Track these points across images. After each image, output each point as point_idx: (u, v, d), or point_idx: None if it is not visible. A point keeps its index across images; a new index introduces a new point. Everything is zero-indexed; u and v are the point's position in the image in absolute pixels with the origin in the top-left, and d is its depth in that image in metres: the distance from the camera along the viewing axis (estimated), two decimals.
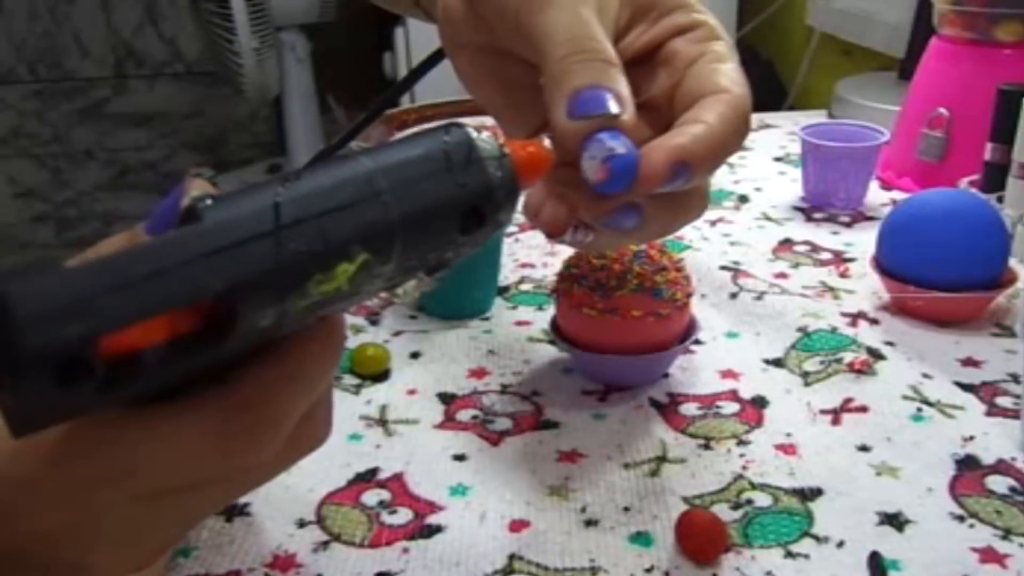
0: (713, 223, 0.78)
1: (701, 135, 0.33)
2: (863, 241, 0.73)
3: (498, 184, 0.25)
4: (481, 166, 0.25)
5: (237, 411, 0.25)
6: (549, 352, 0.59)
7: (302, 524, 0.44)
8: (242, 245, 0.21)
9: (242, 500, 0.46)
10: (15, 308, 0.19)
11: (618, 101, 0.32)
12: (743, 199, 0.84)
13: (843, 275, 0.68)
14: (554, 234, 0.34)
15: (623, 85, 0.33)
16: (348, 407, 0.54)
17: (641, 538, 0.43)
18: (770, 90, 1.49)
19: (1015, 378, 0.54)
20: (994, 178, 0.71)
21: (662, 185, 0.33)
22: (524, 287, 0.68)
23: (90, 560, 0.27)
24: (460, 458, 0.49)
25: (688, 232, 0.76)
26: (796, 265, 0.70)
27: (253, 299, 0.21)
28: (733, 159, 0.94)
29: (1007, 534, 0.42)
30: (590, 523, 0.44)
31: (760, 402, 0.53)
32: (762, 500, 0.45)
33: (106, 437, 0.24)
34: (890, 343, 0.58)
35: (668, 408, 0.53)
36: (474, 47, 0.39)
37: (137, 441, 0.24)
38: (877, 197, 0.82)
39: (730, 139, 0.34)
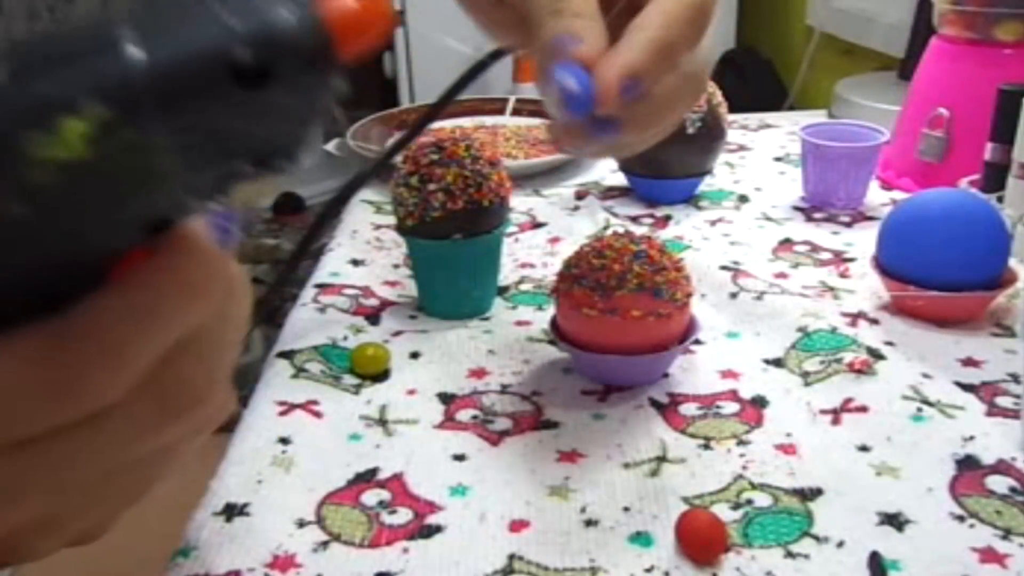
0: (713, 223, 0.78)
1: (645, 45, 0.37)
2: (863, 241, 0.73)
3: (284, 26, 0.20)
4: (260, 6, 0.20)
5: (63, 341, 0.21)
6: (549, 352, 0.59)
7: (302, 524, 0.44)
8: None
9: (242, 500, 0.46)
10: None
11: (574, 39, 0.37)
12: (743, 199, 0.84)
13: (843, 275, 0.68)
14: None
15: (586, 29, 0.37)
16: (348, 407, 0.54)
17: (641, 538, 0.43)
18: (770, 90, 1.49)
19: (1015, 378, 0.54)
20: (994, 178, 0.71)
21: (620, 100, 0.37)
22: (524, 287, 0.68)
23: None
24: (460, 458, 0.49)
25: (688, 232, 0.76)
26: (796, 265, 0.70)
27: None
28: (733, 159, 0.94)
29: (1007, 534, 0.42)
30: (590, 523, 0.44)
31: (760, 402, 0.53)
32: (762, 500, 0.45)
33: None
34: (890, 343, 0.58)
35: (668, 408, 0.53)
36: None
37: None
38: (877, 197, 0.82)
39: (679, 38, 0.38)
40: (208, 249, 0.22)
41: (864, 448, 0.48)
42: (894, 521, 0.43)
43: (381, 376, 0.57)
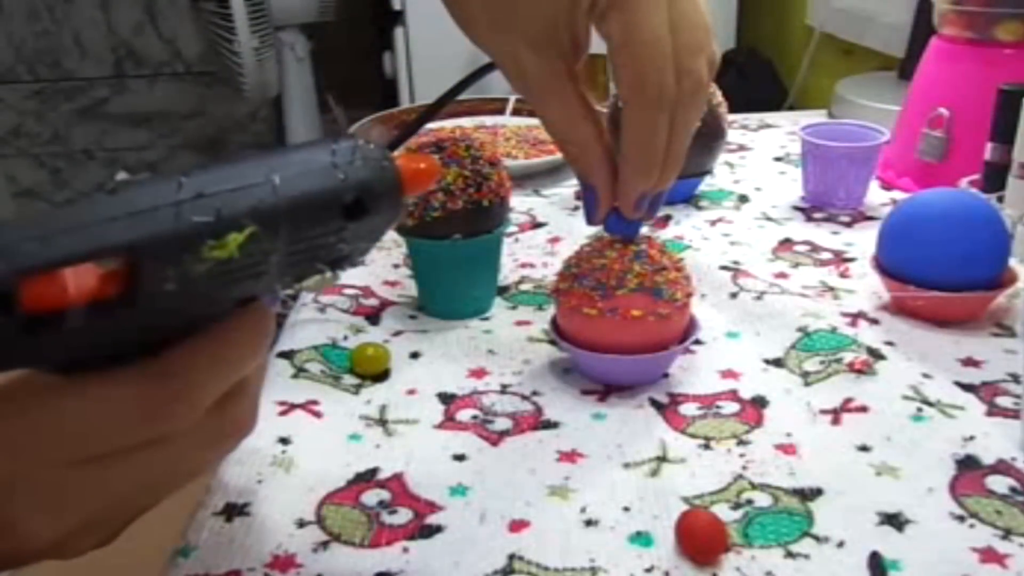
0: (713, 223, 0.78)
1: (631, 176, 0.47)
2: (863, 241, 0.73)
3: (377, 179, 0.29)
4: (362, 164, 0.29)
5: (158, 379, 0.27)
6: (549, 352, 0.59)
7: (302, 524, 0.44)
8: (145, 212, 0.25)
9: (242, 500, 0.46)
10: None
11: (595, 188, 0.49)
12: (743, 199, 0.84)
13: (843, 275, 0.68)
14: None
15: (597, 177, 0.48)
16: (348, 407, 0.54)
17: (641, 538, 0.43)
18: (770, 90, 1.49)
19: (1015, 378, 0.54)
20: (994, 178, 0.71)
21: (647, 210, 0.50)
22: (524, 287, 0.68)
23: (18, 520, 0.28)
24: (460, 458, 0.49)
25: (688, 232, 0.76)
26: (796, 265, 0.70)
27: (152, 257, 0.25)
28: (733, 159, 0.94)
29: (1007, 534, 0.42)
30: (590, 523, 0.44)
31: (760, 402, 0.53)
32: (762, 500, 0.45)
33: (40, 399, 0.26)
34: (890, 343, 0.58)
35: (668, 408, 0.53)
36: None
37: (68, 402, 0.27)
38: (877, 197, 0.82)
39: (652, 147, 0.46)
40: (269, 316, 0.30)
41: (864, 448, 0.48)
42: (894, 521, 0.43)
43: (381, 376, 0.57)
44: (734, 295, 0.65)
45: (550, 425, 0.51)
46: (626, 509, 0.45)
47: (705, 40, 0.45)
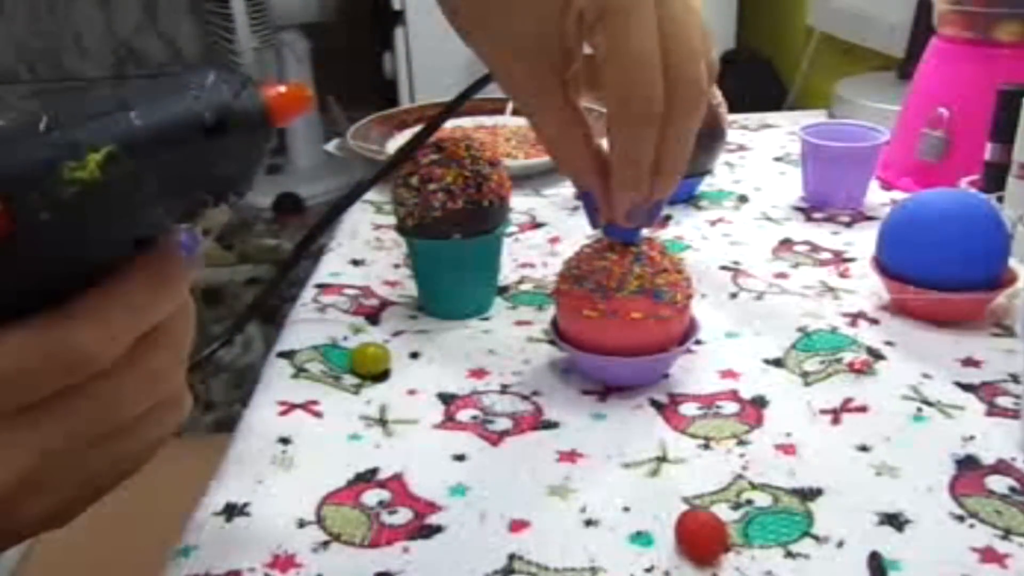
0: (713, 223, 0.78)
1: (619, 189, 0.47)
2: (863, 241, 0.73)
3: (235, 98, 0.29)
4: (218, 87, 0.29)
5: (61, 321, 0.27)
6: (549, 352, 0.59)
7: (302, 524, 0.44)
8: (7, 145, 0.25)
9: (242, 500, 0.46)
10: None
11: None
12: (743, 199, 0.84)
13: (843, 275, 0.68)
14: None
15: (591, 183, 0.48)
16: (348, 407, 0.54)
17: (641, 538, 0.43)
18: (770, 90, 1.49)
19: (1015, 378, 0.54)
20: (994, 178, 0.71)
21: (635, 215, 0.48)
22: (524, 287, 0.68)
23: None
24: (460, 458, 0.49)
25: (688, 232, 0.76)
26: (796, 265, 0.70)
27: (17, 186, 0.25)
28: (733, 159, 0.94)
29: (1007, 534, 0.42)
30: (590, 523, 0.44)
31: (760, 402, 0.53)
32: (762, 500, 0.45)
33: None
34: (890, 343, 0.58)
35: (668, 408, 0.53)
36: None
37: None
38: (877, 197, 0.82)
39: (637, 161, 0.46)
40: (177, 258, 0.29)
41: (864, 448, 0.48)
42: (894, 521, 0.43)
43: (381, 376, 0.57)
44: (734, 295, 0.65)
45: (550, 425, 0.52)
46: (626, 509, 0.45)
47: (702, 45, 0.45)
